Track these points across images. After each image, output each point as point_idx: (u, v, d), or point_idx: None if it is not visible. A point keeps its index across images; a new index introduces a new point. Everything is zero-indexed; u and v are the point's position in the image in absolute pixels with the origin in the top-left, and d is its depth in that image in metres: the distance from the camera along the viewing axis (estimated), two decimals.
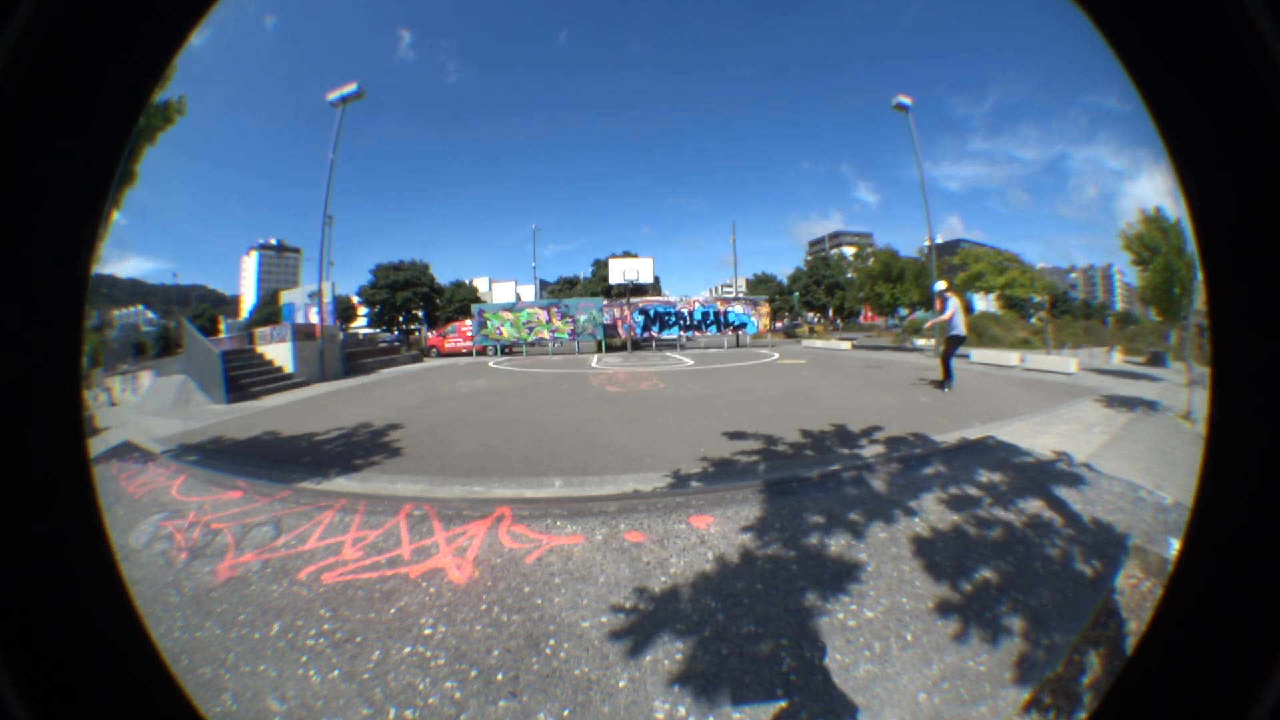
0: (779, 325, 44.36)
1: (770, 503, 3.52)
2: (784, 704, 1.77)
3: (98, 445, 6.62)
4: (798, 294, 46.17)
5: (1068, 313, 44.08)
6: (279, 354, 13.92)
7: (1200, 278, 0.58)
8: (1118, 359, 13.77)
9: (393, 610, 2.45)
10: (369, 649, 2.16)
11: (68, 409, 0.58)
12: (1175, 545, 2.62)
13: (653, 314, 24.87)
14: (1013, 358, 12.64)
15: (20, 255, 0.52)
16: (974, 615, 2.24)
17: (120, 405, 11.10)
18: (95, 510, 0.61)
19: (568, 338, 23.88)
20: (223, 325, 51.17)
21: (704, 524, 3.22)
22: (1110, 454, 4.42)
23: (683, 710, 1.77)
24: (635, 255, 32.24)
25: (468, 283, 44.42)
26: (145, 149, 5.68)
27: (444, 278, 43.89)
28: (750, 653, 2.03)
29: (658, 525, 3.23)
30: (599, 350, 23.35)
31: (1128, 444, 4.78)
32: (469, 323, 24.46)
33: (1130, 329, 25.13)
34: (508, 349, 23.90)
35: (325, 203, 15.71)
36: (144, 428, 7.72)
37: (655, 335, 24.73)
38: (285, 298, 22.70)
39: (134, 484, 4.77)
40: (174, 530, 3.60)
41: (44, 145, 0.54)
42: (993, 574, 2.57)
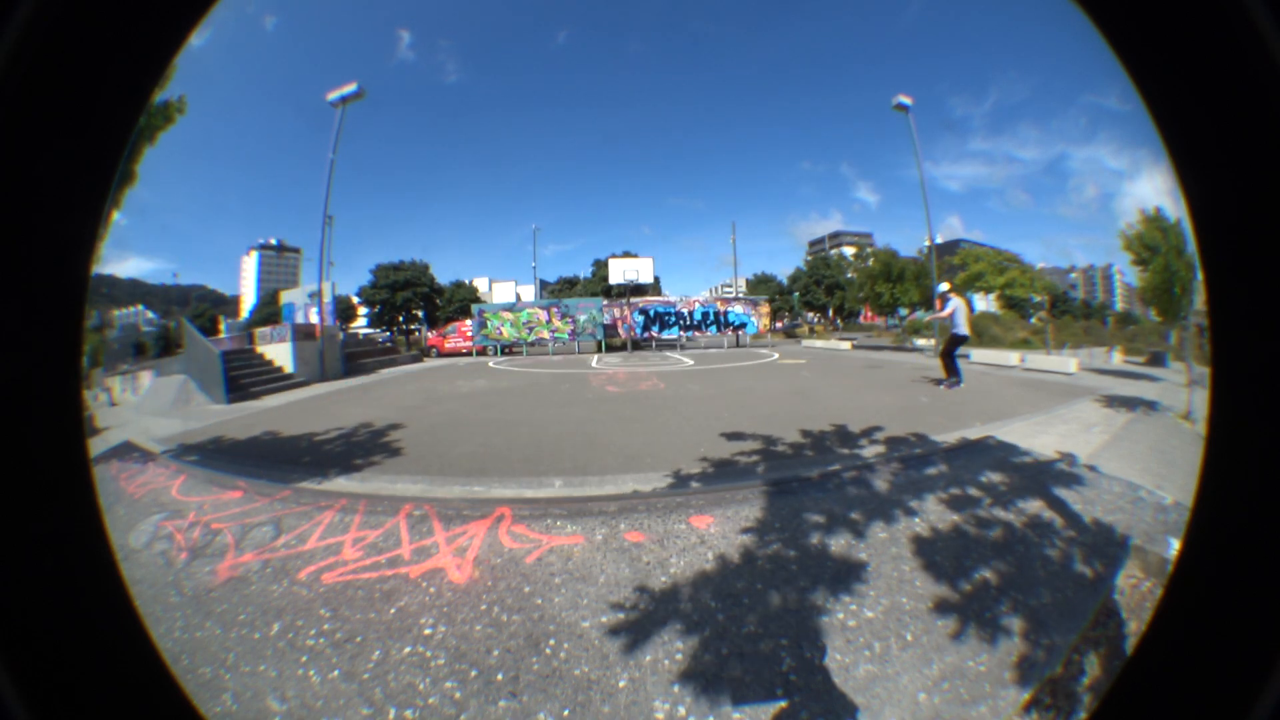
0: (779, 325, 44.38)
1: (770, 503, 3.52)
2: (784, 704, 1.77)
3: (98, 445, 6.62)
4: (798, 294, 46.16)
5: (1068, 313, 44.11)
6: (279, 354, 13.92)
7: (1200, 278, 0.58)
8: (1118, 359, 13.77)
9: (393, 610, 2.45)
10: (369, 649, 2.16)
11: (68, 409, 0.58)
12: (1175, 545, 2.62)
13: (653, 314, 24.87)
14: (1013, 358, 12.64)
15: (20, 255, 0.52)
16: (974, 615, 2.24)
17: (120, 405, 11.10)
18: (95, 510, 0.61)
19: (568, 338, 23.88)
20: (223, 325, 51.17)
21: (704, 524, 3.22)
22: (1110, 454, 4.42)
23: (683, 710, 1.77)
24: (635, 255, 32.21)
25: (468, 283, 44.41)
26: (145, 149, 5.68)
27: (444, 278, 43.97)
28: (750, 652, 2.03)
29: (658, 525, 3.23)
30: (599, 350, 23.35)
31: (1128, 444, 4.78)
32: (469, 323, 24.47)
33: (1130, 329, 25.13)
34: (508, 349, 23.90)
35: (325, 203, 15.73)
36: (144, 428, 7.73)
37: (655, 335, 24.73)
38: (285, 298, 22.69)
39: (134, 484, 4.77)
40: (174, 530, 3.60)
41: (44, 145, 0.54)
42: (993, 574, 2.57)
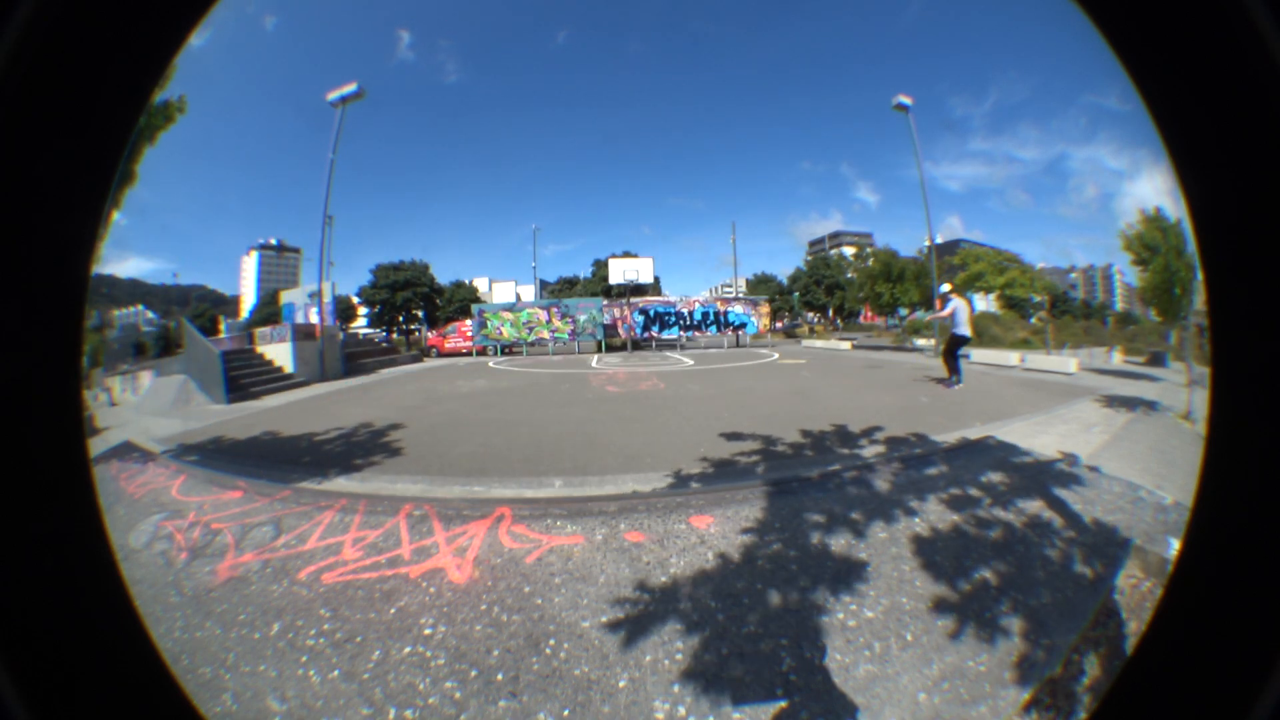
0: (779, 325, 44.38)
1: (770, 503, 3.52)
2: (784, 704, 1.77)
3: (98, 445, 6.62)
4: (798, 294, 46.16)
5: (1068, 313, 44.12)
6: (279, 354, 13.92)
7: (1200, 278, 0.58)
8: (1118, 359, 13.78)
9: (393, 610, 2.45)
10: (369, 649, 2.16)
11: (68, 409, 0.58)
12: (1175, 545, 2.62)
13: (653, 314, 24.86)
14: (1013, 358, 12.64)
15: (20, 255, 0.52)
16: (974, 615, 2.24)
17: (120, 405, 11.10)
18: (95, 510, 0.61)
19: (568, 338, 23.87)
20: (223, 325, 51.17)
21: (704, 524, 3.22)
22: (1110, 454, 4.42)
23: (683, 710, 1.77)
24: (635, 255, 32.21)
25: (468, 283, 44.44)
26: (145, 149, 5.68)
27: (444, 278, 44.03)
28: (750, 652, 2.03)
29: (658, 525, 3.23)
30: (599, 350, 23.34)
31: (1128, 444, 4.78)
32: (469, 323, 24.46)
33: (1130, 329, 25.15)
34: (508, 349, 23.90)
35: (325, 203, 15.72)
36: (144, 428, 7.73)
37: (655, 335, 24.73)
38: (285, 298, 22.68)
39: (134, 484, 4.77)
40: (174, 530, 3.60)
41: (44, 145, 0.54)
42: (993, 574, 2.57)
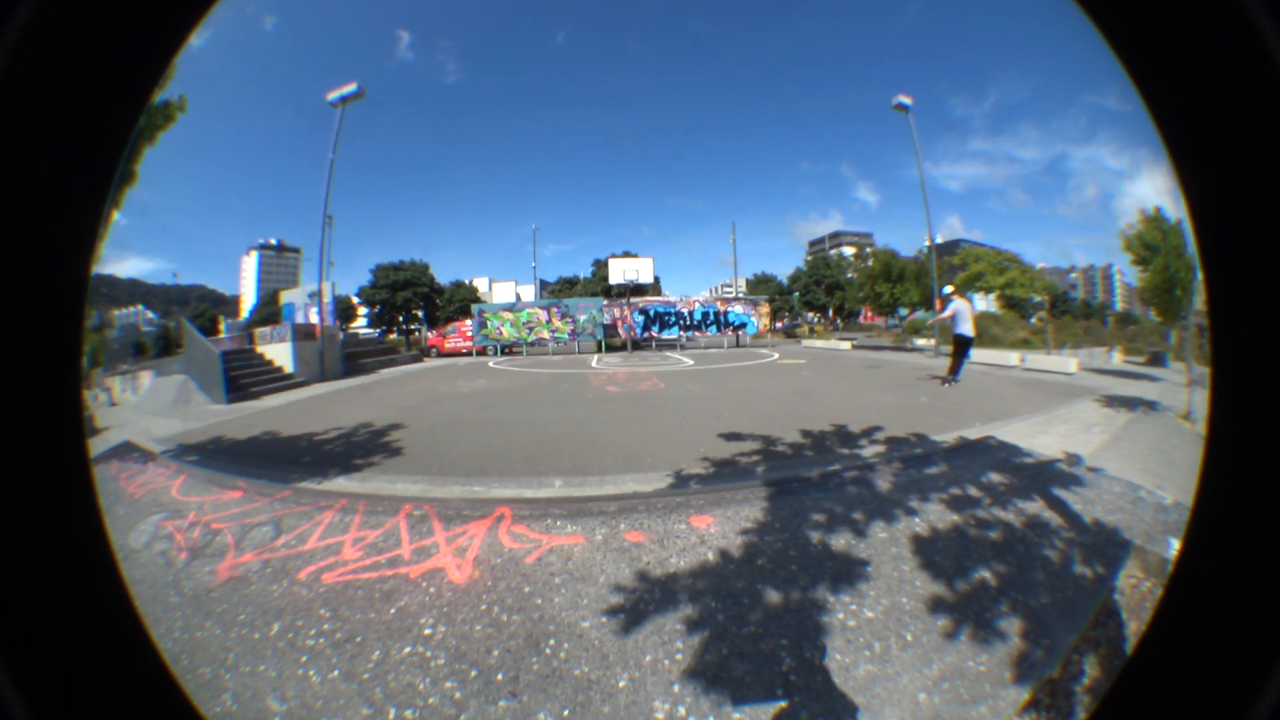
0: (779, 325, 44.38)
1: (770, 503, 3.52)
2: (784, 704, 1.77)
3: (98, 445, 6.62)
4: (798, 294, 46.16)
5: (1068, 313, 44.12)
6: (279, 354, 13.91)
7: (1200, 278, 0.58)
8: (1118, 359, 13.78)
9: (393, 610, 2.45)
10: (369, 649, 2.16)
11: (68, 409, 0.58)
12: (1175, 545, 2.62)
13: (653, 314, 24.85)
14: (1013, 358, 12.65)
15: (20, 255, 0.52)
16: (974, 615, 2.24)
17: (120, 405, 11.10)
18: (95, 510, 0.61)
19: (568, 338, 23.86)
20: (223, 325, 51.16)
21: (704, 524, 3.22)
22: (1110, 454, 4.42)
23: (683, 710, 1.77)
24: (635, 255, 32.20)
25: (468, 283, 44.42)
26: (145, 149, 5.68)
27: (444, 278, 44.02)
28: (750, 652, 2.03)
29: (658, 525, 3.23)
30: (599, 350, 23.34)
31: (1128, 444, 4.78)
32: (469, 323, 24.45)
33: (1130, 329, 25.15)
34: (508, 349, 23.89)
35: (325, 203, 15.71)
36: (144, 428, 7.72)
37: (655, 335, 24.72)
38: (285, 298, 22.67)
39: (134, 484, 4.77)
40: (174, 530, 3.60)
41: (44, 145, 0.54)
42: (993, 574, 2.57)
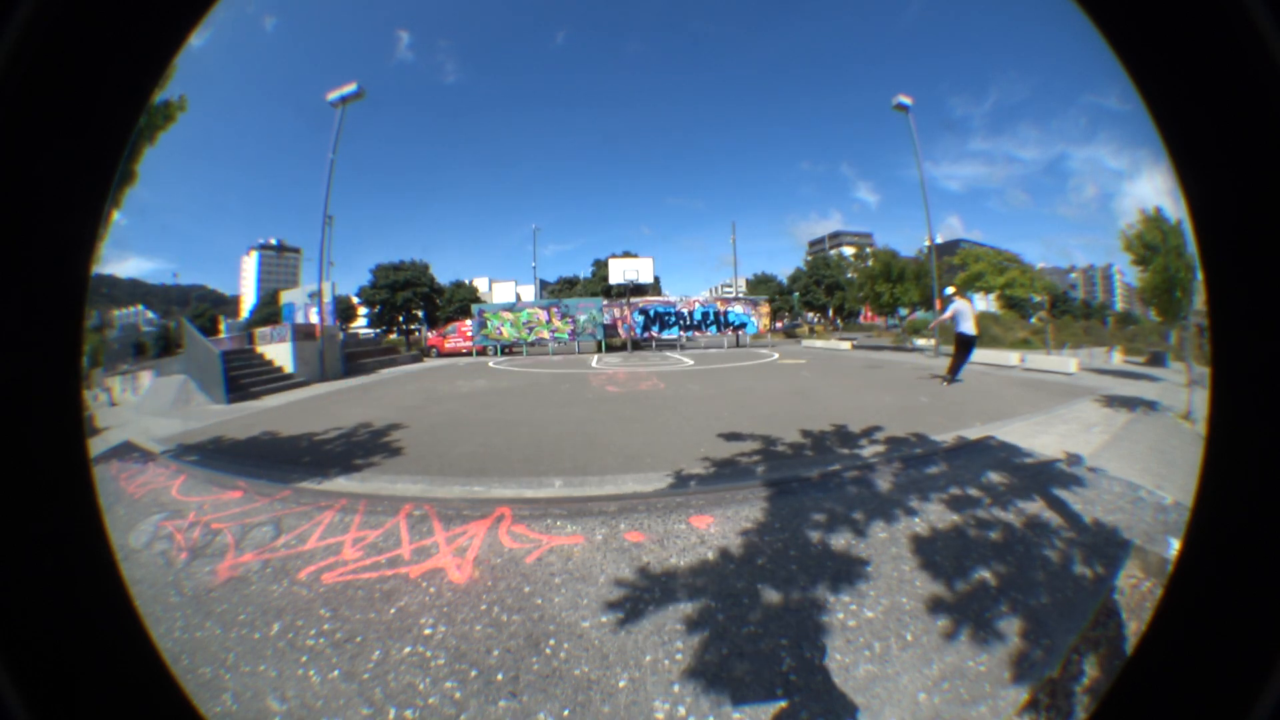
0: (779, 325, 44.37)
1: (770, 503, 3.52)
2: (784, 704, 1.77)
3: (98, 445, 6.61)
4: (798, 294, 46.16)
5: (1068, 313, 44.11)
6: (279, 354, 13.91)
7: (1200, 278, 0.58)
8: (1118, 359, 13.78)
9: (393, 610, 2.45)
10: (369, 649, 2.16)
11: (68, 409, 0.58)
12: (1175, 545, 2.62)
13: (653, 314, 24.85)
14: (1013, 358, 12.64)
15: (20, 255, 0.52)
16: (974, 615, 2.24)
17: (120, 405, 11.10)
18: (95, 510, 0.61)
19: (568, 338, 23.87)
20: (223, 325, 51.15)
21: (704, 524, 3.22)
22: (1110, 454, 4.42)
23: (683, 710, 1.77)
24: (635, 255, 32.20)
25: (468, 283, 44.41)
26: (145, 149, 5.68)
27: (444, 278, 44.03)
28: (750, 652, 2.03)
29: (658, 525, 3.23)
30: (599, 350, 23.34)
31: (1128, 444, 4.78)
32: (469, 323, 24.45)
33: (1130, 329, 25.14)
34: (508, 349, 23.89)
35: (325, 203, 15.72)
36: (144, 428, 7.72)
37: (655, 335, 24.72)
38: (285, 298, 22.66)
39: (134, 484, 4.77)
40: (174, 530, 3.60)
41: (44, 145, 0.54)
42: (992, 574, 2.57)
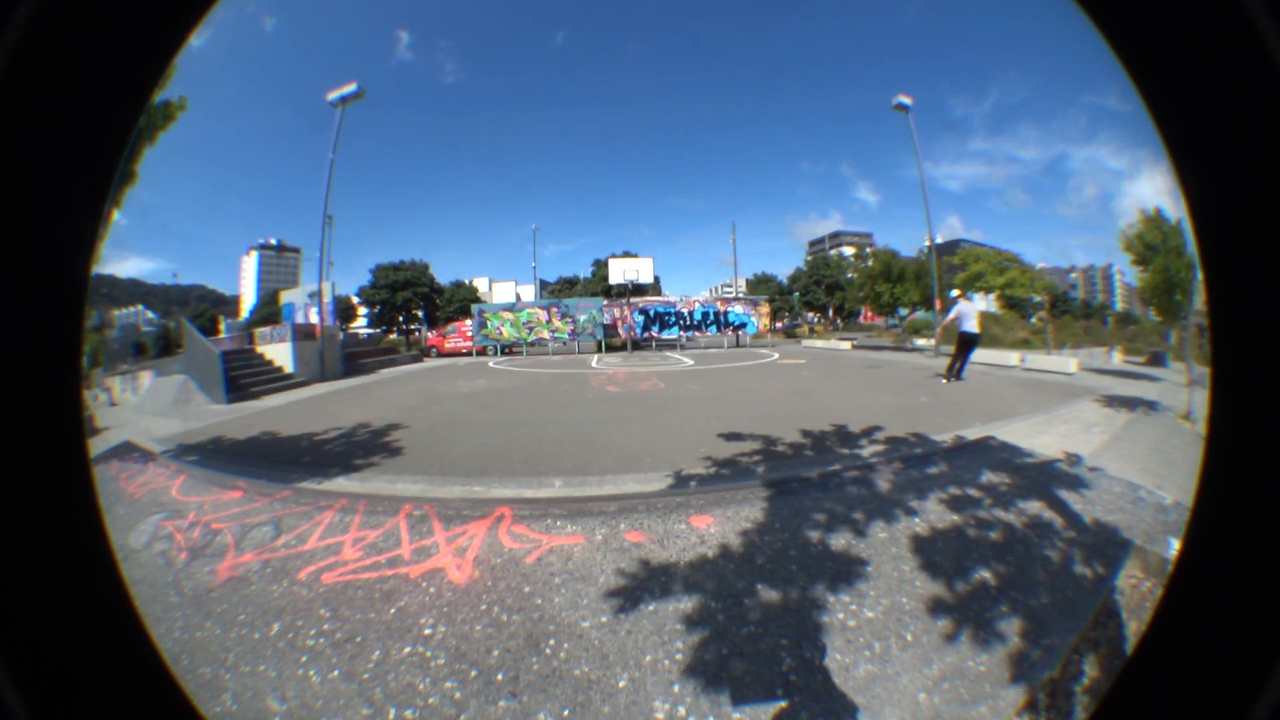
0: (779, 325, 44.36)
1: (770, 503, 3.52)
2: (784, 704, 1.77)
3: (98, 445, 6.61)
4: (798, 294, 46.18)
5: (1068, 313, 44.14)
6: (279, 354, 13.91)
7: (1200, 278, 0.58)
8: (1118, 359, 13.78)
9: (393, 610, 2.45)
10: (369, 649, 2.16)
11: (68, 409, 0.58)
12: (1175, 545, 2.62)
13: (653, 314, 24.85)
14: (1013, 358, 12.64)
15: (20, 255, 0.52)
16: (974, 615, 2.24)
17: (120, 405, 11.09)
18: (95, 510, 0.61)
19: (568, 338, 23.86)
20: (223, 325, 51.19)
21: (704, 524, 3.22)
22: (1110, 454, 4.42)
23: (683, 710, 1.77)
24: (635, 255, 32.22)
25: (468, 283, 44.45)
26: (145, 149, 5.68)
27: (444, 278, 44.09)
28: (750, 652, 2.03)
29: (658, 525, 3.23)
30: (599, 350, 23.34)
31: (1128, 444, 4.78)
32: (469, 323, 24.44)
33: (1130, 329, 25.15)
34: (508, 349, 23.89)
35: (325, 203, 15.72)
36: (144, 428, 7.72)
37: (655, 335, 24.71)
38: (285, 298, 22.66)
39: (134, 484, 4.77)
40: (174, 530, 3.60)
41: (44, 145, 0.54)
42: (992, 574, 2.57)
